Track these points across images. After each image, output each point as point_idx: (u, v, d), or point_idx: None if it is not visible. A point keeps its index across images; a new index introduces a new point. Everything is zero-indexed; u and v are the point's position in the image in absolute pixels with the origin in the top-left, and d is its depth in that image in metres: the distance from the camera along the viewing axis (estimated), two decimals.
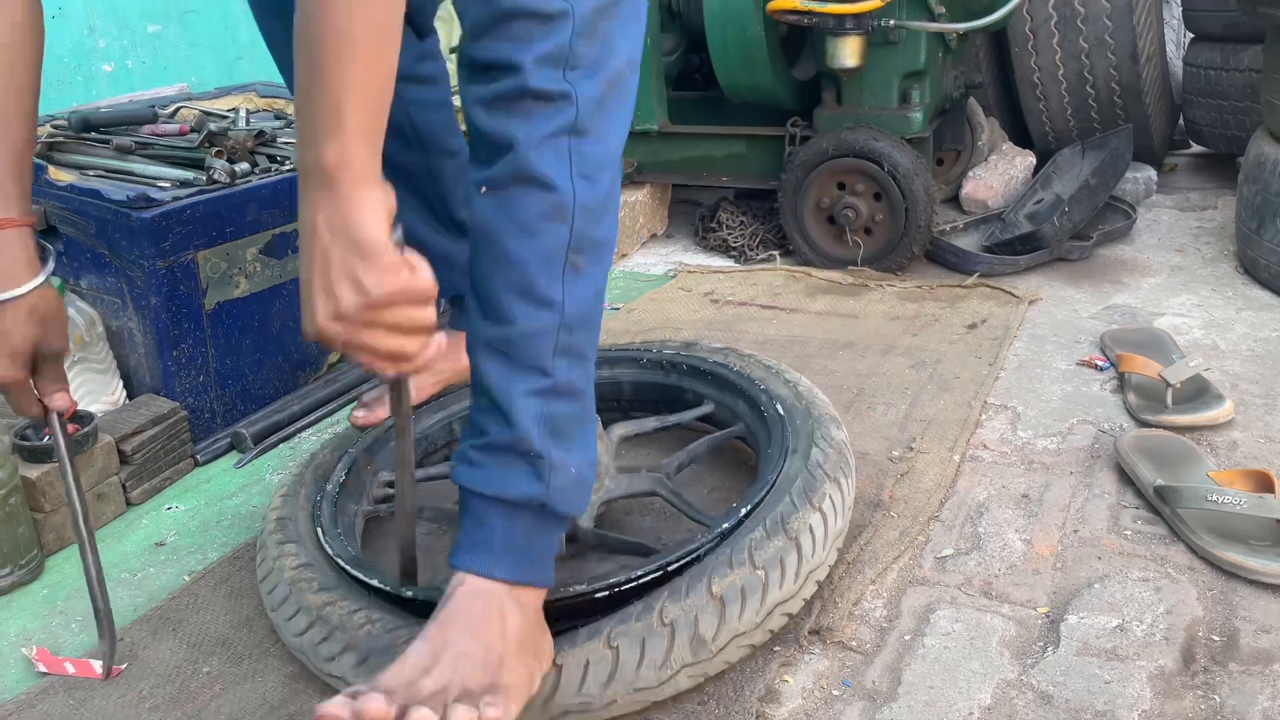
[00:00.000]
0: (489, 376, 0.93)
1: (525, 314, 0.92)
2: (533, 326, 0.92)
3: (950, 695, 1.01)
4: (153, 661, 1.12)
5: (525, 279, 0.91)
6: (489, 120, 0.90)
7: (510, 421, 0.92)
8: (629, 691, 0.96)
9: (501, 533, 0.93)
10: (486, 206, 0.91)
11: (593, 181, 0.92)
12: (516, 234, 0.91)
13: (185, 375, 1.58)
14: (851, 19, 2.10)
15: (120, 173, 1.65)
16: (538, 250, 0.91)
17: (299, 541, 1.15)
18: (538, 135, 0.89)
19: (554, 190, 0.90)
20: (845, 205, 2.22)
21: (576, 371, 0.95)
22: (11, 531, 1.26)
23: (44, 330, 1.05)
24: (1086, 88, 2.54)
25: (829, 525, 1.11)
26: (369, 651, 0.98)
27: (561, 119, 0.90)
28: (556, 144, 0.90)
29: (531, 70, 0.87)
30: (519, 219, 0.90)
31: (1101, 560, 1.20)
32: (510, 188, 0.90)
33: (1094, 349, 1.77)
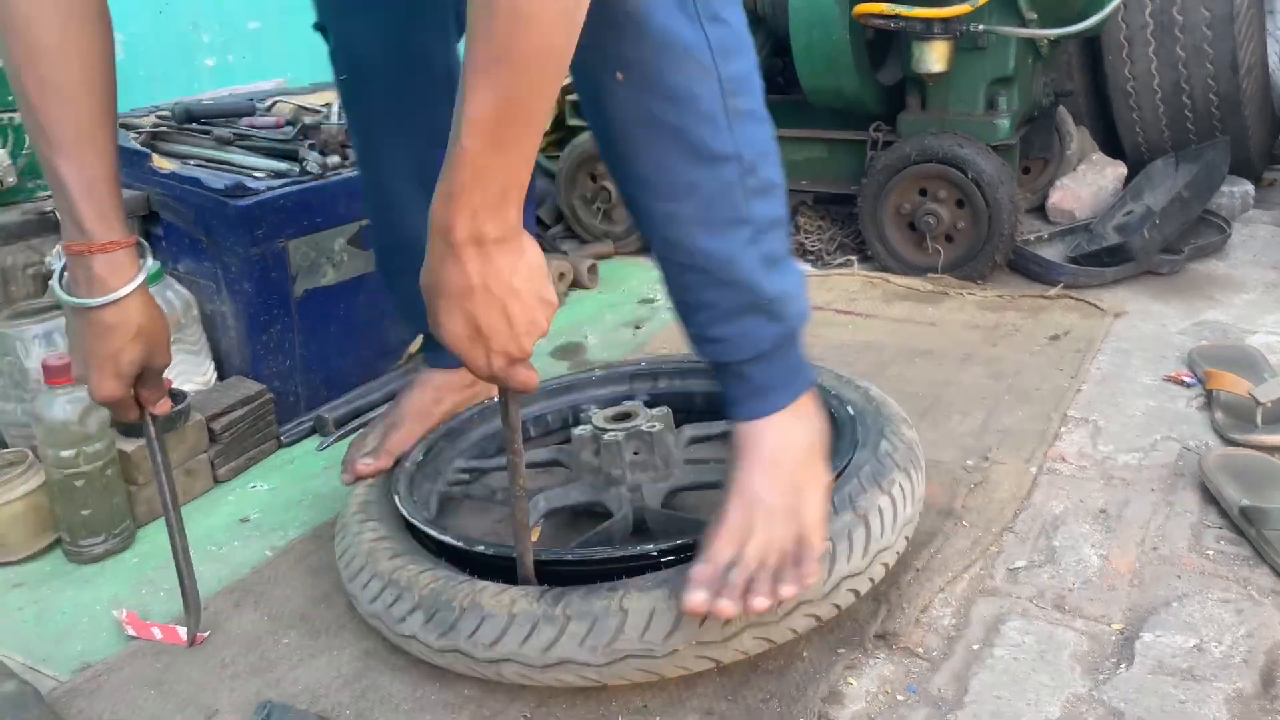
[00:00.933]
0: (694, 250, 0.98)
1: (708, 177, 0.94)
2: (718, 184, 0.95)
3: (1018, 707, 1.00)
4: (235, 631, 1.17)
5: (694, 144, 0.93)
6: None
7: (733, 281, 0.99)
8: (691, 644, 0.97)
9: (763, 377, 1.04)
10: (628, 91, 0.90)
11: (720, 21, 0.92)
12: (669, 106, 0.91)
13: (273, 359, 1.63)
14: (939, 23, 2.07)
15: (219, 162, 1.71)
16: (695, 111, 0.92)
17: (380, 520, 1.19)
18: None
19: (690, 48, 0.90)
20: (927, 212, 2.20)
21: (770, 202, 1.00)
22: (107, 502, 1.32)
23: (150, 349, 1.04)
24: (1182, 98, 2.47)
25: (898, 510, 1.11)
26: (435, 608, 1.01)
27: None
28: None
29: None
30: (666, 90, 0.90)
31: (1181, 579, 1.17)
32: (647, 62, 0.89)
33: (1181, 365, 1.73)
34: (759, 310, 1.01)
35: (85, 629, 1.20)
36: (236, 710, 1.04)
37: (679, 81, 0.91)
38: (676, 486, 1.28)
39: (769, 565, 0.98)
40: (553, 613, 0.98)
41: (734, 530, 1.00)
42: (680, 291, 1.03)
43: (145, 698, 1.06)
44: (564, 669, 0.98)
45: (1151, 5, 2.42)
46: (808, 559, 0.99)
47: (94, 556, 1.33)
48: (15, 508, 1.32)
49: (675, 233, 0.98)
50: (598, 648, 0.96)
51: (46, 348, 1.41)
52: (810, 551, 1.00)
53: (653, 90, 0.91)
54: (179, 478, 1.45)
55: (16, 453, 1.38)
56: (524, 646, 0.97)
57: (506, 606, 0.99)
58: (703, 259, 0.98)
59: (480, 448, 1.46)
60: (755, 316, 1.02)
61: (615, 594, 0.98)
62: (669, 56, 0.90)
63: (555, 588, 1.01)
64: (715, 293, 1.00)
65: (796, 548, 1.00)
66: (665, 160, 0.94)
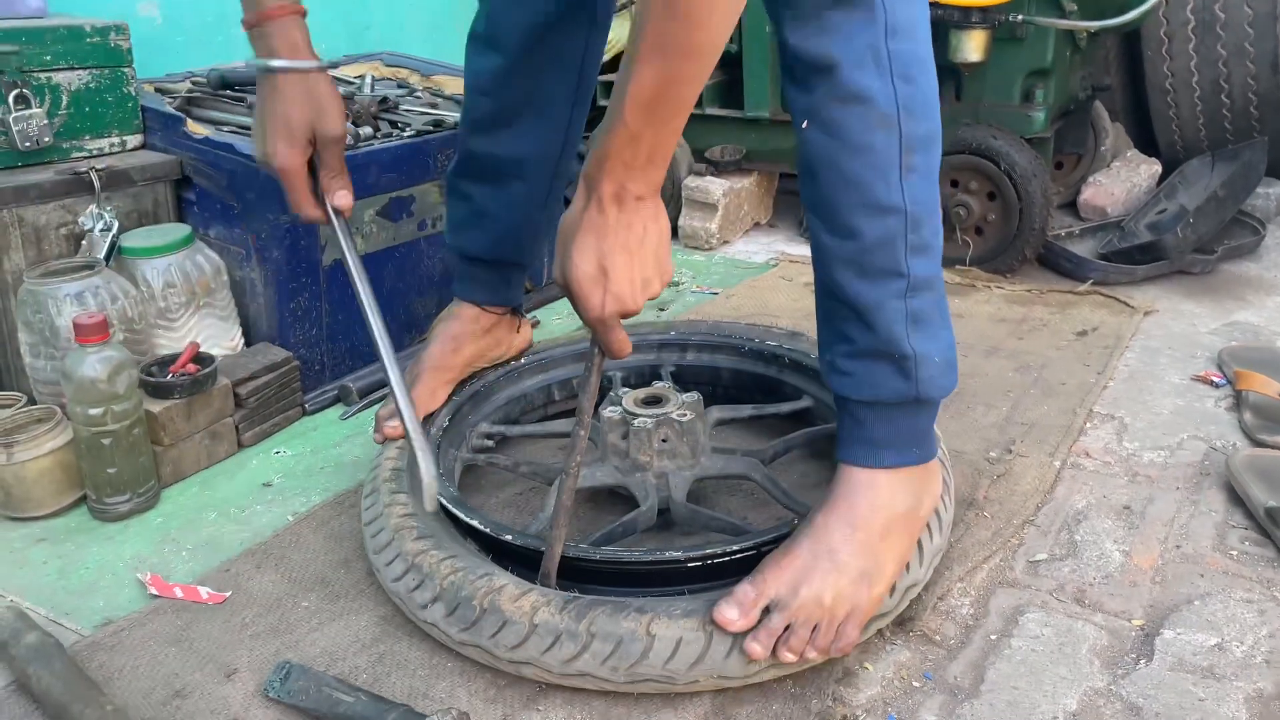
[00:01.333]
0: (845, 289, 1.01)
1: (872, 226, 0.98)
2: (881, 235, 0.99)
3: (1034, 698, 0.99)
4: (255, 592, 1.18)
5: (866, 193, 0.97)
6: (806, 42, 0.93)
7: (874, 327, 1.01)
8: (713, 676, 0.96)
9: (880, 429, 1.04)
10: (815, 134, 0.96)
11: (911, 80, 0.96)
12: (849, 154, 0.96)
13: (300, 327, 1.64)
14: (978, 12, 2.05)
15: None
16: (872, 163, 0.96)
17: (412, 492, 1.18)
18: (857, 48, 0.93)
19: (876, 102, 0.95)
20: (957, 203, 2.18)
21: (928, 263, 1.02)
22: (133, 461, 1.34)
23: (320, 113, 1.08)
24: (1221, 96, 2.44)
25: (924, 547, 1.09)
26: (456, 603, 1.01)
27: (875, 25, 0.93)
28: (876, 51, 0.94)
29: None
30: (849, 140, 0.96)
31: (1204, 578, 1.16)
32: (834, 111, 0.95)
33: (1210, 364, 1.71)
34: (891, 361, 1.03)
35: (108, 585, 1.21)
36: (255, 670, 1.05)
37: (858, 134, 0.96)
38: (703, 475, 1.27)
39: (812, 620, 0.97)
40: (576, 628, 0.96)
41: (795, 569, 0.98)
42: (826, 316, 1.07)
43: (165, 654, 1.08)
44: (583, 679, 0.97)
45: (1193, 2, 2.38)
46: (849, 633, 0.98)
47: (118, 514, 1.34)
48: (43, 464, 1.33)
49: (833, 267, 1.02)
50: (619, 669, 0.95)
51: (78, 306, 1.42)
52: (856, 626, 0.99)
53: (834, 135, 0.97)
54: (204, 441, 1.46)
55: (45, 409, 1.40)
56: (545, 656, 0.97)
57: (528, 614, 0.97)
58: (851, 298, 1.02)
59: (505, 412, 1.46)
60: (885, 365, 1.03)
61: (644, 618, 0.96)
62: (852, 110, 0.95)
63: (579, 598, 0.99)
64: (855, 330, 1.03)
65: (846, 616, 0.98)
66: (836, 200, 0.99)
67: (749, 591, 0.97)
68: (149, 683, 1.04)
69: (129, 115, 1.70)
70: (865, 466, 1.05)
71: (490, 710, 0.99)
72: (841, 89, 0.94)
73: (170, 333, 1.58)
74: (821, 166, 0.98)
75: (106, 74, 1.66)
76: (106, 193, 1.58)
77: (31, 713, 1.00)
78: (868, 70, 0.94)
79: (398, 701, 0.98)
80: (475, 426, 1.39)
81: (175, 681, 1.04)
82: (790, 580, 0.98)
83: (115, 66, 1.66)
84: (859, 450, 1.05)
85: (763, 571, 0.99)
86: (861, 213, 0.98)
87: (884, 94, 0.95)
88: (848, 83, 0.94)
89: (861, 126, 0.96)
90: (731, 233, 2.52)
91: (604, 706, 1.00)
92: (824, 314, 1.07)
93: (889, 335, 1.02)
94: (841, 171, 0.97)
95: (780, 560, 1.00)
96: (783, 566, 0.99)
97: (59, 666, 1.01)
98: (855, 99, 0.95)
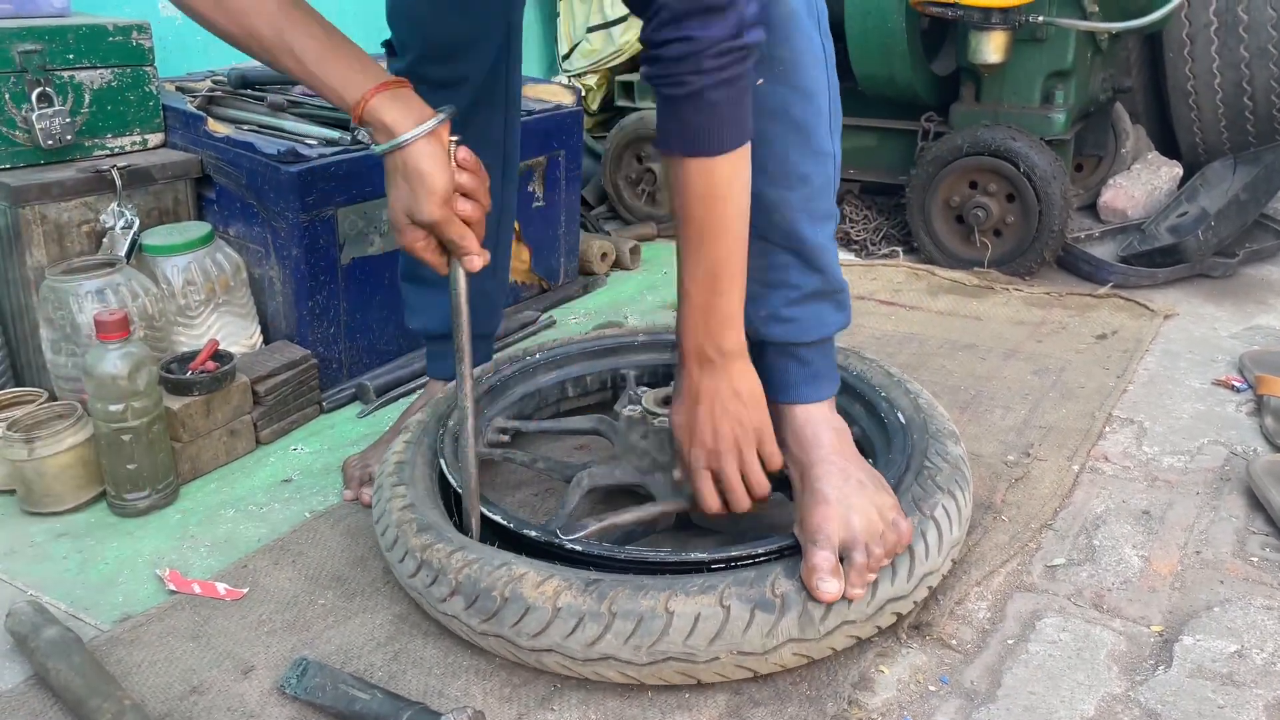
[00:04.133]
0: (796, 234, 1.07)
1: (818, 171, 1.07)
2: (824, 180, 1.08)
3: (1051, 703, 0.99)
4: (272, 589, 1.18)
5: (813, 139, 1.05)
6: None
7: (821, 268, 1.10)
8: (732, 653, 0.97)
9: (821, 364, 1.14)
10: (771, 83, 1.01)
11: (829, 36, 1.07)
12: (800, 100, 1.03)
13: (318, 325, 1.65)
14: (998, 13, 2.04)
15: (272, 129, 1.73)
16: (816, 109, 1.05)
17: (412, 483, 1.18)
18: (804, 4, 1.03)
19: (820, 53, 1.04)
20: (976, 205, 2.17)
21: (836, 204, 1.13)
22: (153, 457, 1.35)
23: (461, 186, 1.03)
24: (1244, 99, 2.42)
25: (943, 534, 1.09)
26: (475, 594, 1.01)
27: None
28: (810, 3, 1.03)
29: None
30: (801, 86, 1.03)
31: (1224, 584, 1.15)
32: (792, 60, 1.02)
33: (1231, 369, 1.70)
34: (830, 298, 1.13)
35: (127, 580, 1.22)
36: (271, 666, 1.05)
37: (810, 80, 1.04)
38: None
39: (875, 537, 1.02)
40: (599, 609, 0.97)
41: (837, 510, 1.04)
42: (767, 271, 1.10)
43: (183, 649, 1.08)
44: (606, 664, 0.98)
45: (1216, 3, 2.37)
46: (903, 526, 1.05)
47: (138, 510, 1.35)
48: (63, 459, 1.34)
49: (781, 217, 1.07)
50: (641, 648, 0.96)
51: (99, 303, 1.43)
52: (901, 518, 1.05)
53: (790, 85, 1.03)
54: (223, 438, 1.47)
55: (66, 405, 1.41)
56: (568, 640, 0.97)
57: (550, 599, 0.98)
58: (799, 244, 1.08)
59: (519, 408, 1.46)
60: (827, 303, 1.13)
61: (662, 595, 0.97)
62: (809, 58, 1.03)
63: (600, 579, 1.00)
64: (802, 276, 1.10)
65: (893, 518, 1.05)
66: (786, 150, 1.05)
67: (827, 556, 1.00)
68: (166, 678, 1.04)
69: (150, 114, 1.71)
70: (817, 401, 1.14)
71: (505, 709, 1.00)
72: (800, 38, 1.02)
73: (190, 330, 1.59)
74: (773, 119, 1.03)
75: (128, 73, 1.67)
76: (128, 190, 1.60)
77: (50, 706, 1.01)
78: (812, 24, 1.03)
79: (413, 699, 0.98)
80: (490, 421, 1.40)
81: (192, 677, 1.04)
82: (842, 520, 1.03)
83: (137, 65, 1.68)
84: (807, 389, 1.13)
85: (818, 530, 1.02)
86: (811, 159, 1.06)
87: (824, 46, 1.05)
88: (804, 33, 1.02)
89: (811, 75, 1.04)
90: None
91: (618, 706, 1.00)
92: (761, 268, 1.09)
93: (831, 273, 1.12)
94: (795, 119, 1.04)
95: (821, 512, 1.04)
96: (829, 516, 1.03)
97: (78, 661, 1.02)
98: (808, 49, 1.03)
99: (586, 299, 2.16)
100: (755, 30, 0.93)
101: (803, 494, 1.08)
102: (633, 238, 2.42)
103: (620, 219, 2.65)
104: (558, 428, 1.43)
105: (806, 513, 1.05)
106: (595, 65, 2.78)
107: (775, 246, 1.09)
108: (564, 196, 2.11)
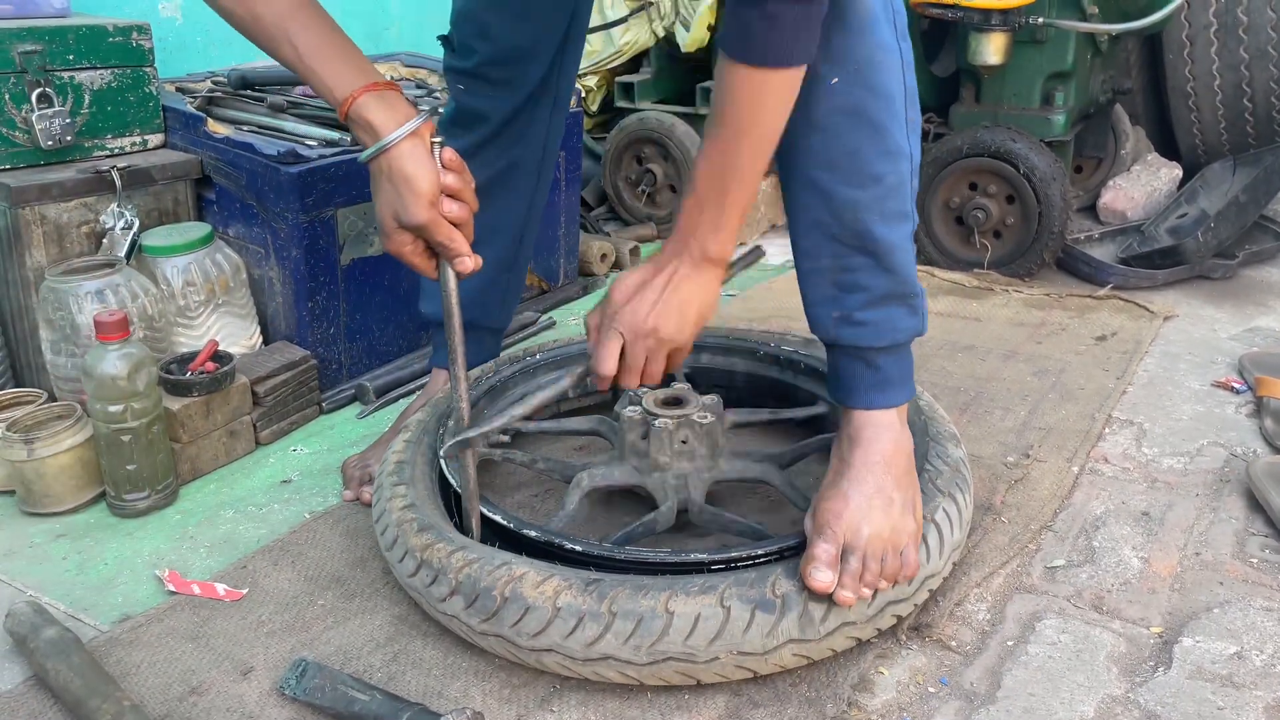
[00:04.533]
0: (869, 235, 1.06)
1: (892, 170, 1.06)
2: (897, 179, 1.06)
3: (1051, 704, 0.99)
4: (272, 590, 1.18)
5: (888, 139, 1.05)
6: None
7: (893, 269, 1.08)
8: (733, 653, 0.97)
9: (894, 370, 1.12)
10: (847, 85, 1.02)
11: (908, 39, 1.07)
12: (876, 101, 1.03)
13: (318, 326, 1.65)
14: (998, 14, 2.04)
15: (272, 129, 1.73)
16: (891, 110, 1.04)
17: (412, 483, 1.18)
18: (881, 2, 1.02)
19: (896, 55, 1.04)
20: (976, 206, 2.17)
21: (915, 206, 1.12)
22: (152, 458, 1.35)
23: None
24: (1244, 100, 2.42)
25: (944, 537, 1.09)
26: (475, 593, 1.01)
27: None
28: (889, 7, 1.03)
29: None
30: (876, 87, 1.03)
31: (1223, 586, 1.15)
32: (868, 60, 1.02)
33: (1231, 370, 1.70)
34: (905, 302, 1.11)
35: (126, 581, 1.22)
36: (271, 667, 1.05)
37: (886, 81, 1.03)
38: (721, 478, 1.27)
39: (879, 553, 1.02)
40: (599, 609, 0.97)
41: (854, 512, 1.04)
42: (840, 273, 1.09)
43: (183, 650, 1.08)
44: (606, 664, 0.98)
45: (1216, 5, 2.37)
46: (911, 557, 1.04)
47: (137, 511, 1.35)
48: (62, 460, 1.34)
49: (854, 216, 1.06)
50: (641, 648, 0.96)
51: (98, 303, 1.43)
52: (914, 550, 1.05)
53: (865, 85, 1.03)
54: (222, 438, 1.47)
55: (66, 406, 1.41)
56: (568, 640, 0.97)
57: (550, 598, 0.98)
58: (873, 244, 1.07)
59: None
60: (901, 307, 1.11)
61: (662, 595, 0.97)
62: (883, 58, 1.03)
63: (600, 579, 1.00)
64: (875, 278, 1.09)
65: (906, 544, 1.04)
66: (859, 149, 1.04)
67: (828, 548, 1.00)
68: (165, 679, 1.04)
69: (150, 114, 1.71)
70: (883, 408, 1.12)
71: (504, 710, 1.00)
72: (875, 38, 1.01)
73: (189, 330, 1.59)
74: (847, 116, 1.03)
75: (128, 73, 1.67)
76: (127, 191, 1.60)
77: (49, 707, 1.01)
78: (888, 26, 1.03)
79: (412, 700, 0.98)
80: (491, 422, 1.39)
81: (192, 678, 1.04)
82: (852, 523, 1.02)
83: (137, 66, 1.68)
84: (875, 395, 1.12)
85: (827, 524, 1.02)
86: (884, 159, 1.05)
87: (899, 49, 1.05)
88: (880, 34, 1.02)
89: (886, 76, 1.03)
90: (748, 234, 2.52)
91: (618, 707, 1.00)
92: (834, 269, 1.10)
93: (905, 275, 1.10)
94: (870, 118, 1.03)
95: (835, 509, 1.04)
96: (842, 515, 1.03)
97: (77, 661, 1.02)
98: (883, 49, 1.02)
99: (586, 300, 2.16)
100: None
101: (829, 484, 1.08)
102: (632, 239, 2.42)
103: (620, 220, 2.65)
104: (558, 428, 1.43)
105: (822, 504, 1.06)
106: (595, 66, 2.78)
107: (847, 248, 1.08)
108: (564, 197, 2.11)
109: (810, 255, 1.10)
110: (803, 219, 1.09)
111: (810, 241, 1.10)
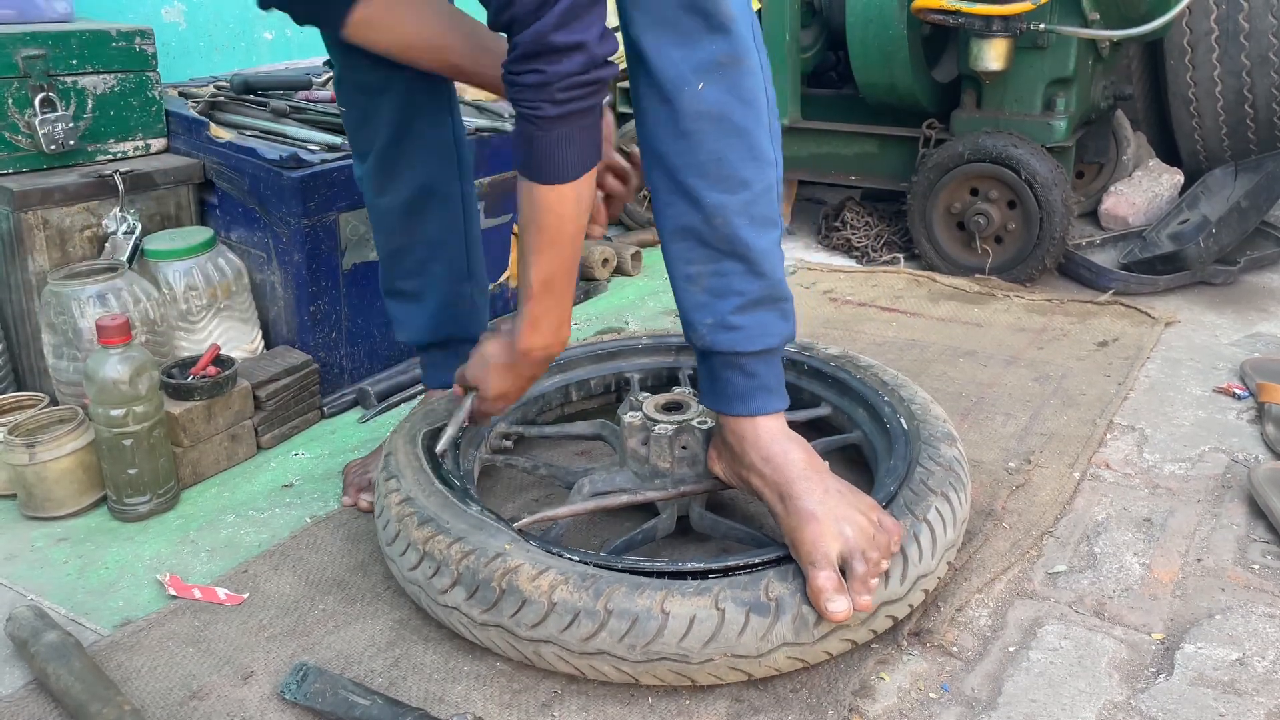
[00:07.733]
0: (739, 239, 1.06)
1: (759, 175, 1.06)
2: (765, 185, 1.07)
3: (1053, 710, 0.99)
4: (273, 594, 1.18)
5: (754, 144, 1.05)
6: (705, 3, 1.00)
7: (764, 274, 1.08)
8: (727, 655, 0.97)
9: (770, 376, 1.12)
10: (712, 91, 1.03)
11: (763, 51, 1.08)
12: (741, 106, 1.04)
13: (319, 330, 1.65)
14: (1000, 21, 2.05)
15: (274, 134, 1.73)
16: (756, 117, 1.05)
17: (400, 476, 1.18)
18: (745, 11, 1.04)
19: (759, 62, 1.05)
20: (977, 212, 2.18)
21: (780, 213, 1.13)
22: (153, 462, 1.35)
23: None
24: (1245, 106, 2.42)
25: (937, 537, 1.09)
26: (475, 585, 1.02)
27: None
28: (751, 20, 1.05)
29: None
30: (742, 92, 1.04)
31: (1225, 592, 1.15)
32: (735, 64, 1.03)
33: (1233, 376, 1.70)
34: (776, 306, 1.10)
35: (127, 585, 1.22)
36: (272, 671, 1.05)
37: (752, 87, 1.04)
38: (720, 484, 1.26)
39: (870, 543, 1.03)
40: (594, 606, 0.97)
41: (828, 524, 1.03)
42: (712, 278, 1.09)
43: (183, 655, 1.08)
44: (601, 659, 0.98)
45: (1217, 11, 2.37)
46: (890, 525, 1.05)
47: (138, 515, 1.35)
48: (64, 464, 1.34)
49: (724, 220, 1.06)
50: (635, 646, 0.96)
51: (100, 308, 1.44)
52: (888, 517, 1.07)
53: (731, 91, 1.03)
54: (224, 443, 1.47)
55: (67, 410, 1.41)
56: (564, 634, 0.97)
57: (545, 593, 0.98)
58: (743, 249, 1.07)
59: (522, 412, 1.46)
60: (772, 311, 1.10)
61: (658, 595, 0.98)
62: (748, 65, 1.04)
63: (597, 575, 1.00)
64: (747, 282, 1.08)
65: (878, 520, 1.05)
66: (726, 154, 1.04)
67: (829, 575, 1.00)
68: (166, 683, 1.04)
69: (153, 119, 1.71)
70: (767, 414, 1.12)
71: (505, 715, 0.99)
72: (743, 43, 1.03)
73: (191, 335, 1.59)
74: (713, 122, 1.03)
75: (131, 78, 1.67)
76: (130, 195, 1.60)
77: (50, 711, 1.01)
78: (750, 34, 1.05)
79: (413, 705, 0.98)
80: (494, 426, 1.40)
81: (192, 682, 1.04)
82: (833, 534, 1.02)
83: (140, 71, 1.68)
84: (757, 400, 1.11)
85: (814, 550, 1.01)
86: (751, 164, 1.06)
87: (761, 57, 1.07)
88: (746, 39, 1.03)
89: (752, 82, 1.04)
90: None
91: (619, 712, 1.00)
92: (705, 274, 1.10)
93: (776, 280, 1.10)
94: (735, 124, 1.04)
95: (811, 534, 1.03)
96: (821, 535, 1.02)
97: (78, 665, 1.02)
98: (749, 54, 1.04)
99: (588, 304, 2.16)
100: (606, 68, 0.97)
101: (786, 515, 1.06)
102: (634, 243, 2.42)
103: (622, 224, 2.65)
104: (560, 433, 1.43)
105: (797, 533, 1.04)
106: None
107: (719, 253, 1.08)
108: None
109: (682, 260, 1.09)
110: (673, 225, 1.09)
111: (681, 247, 1.09)
